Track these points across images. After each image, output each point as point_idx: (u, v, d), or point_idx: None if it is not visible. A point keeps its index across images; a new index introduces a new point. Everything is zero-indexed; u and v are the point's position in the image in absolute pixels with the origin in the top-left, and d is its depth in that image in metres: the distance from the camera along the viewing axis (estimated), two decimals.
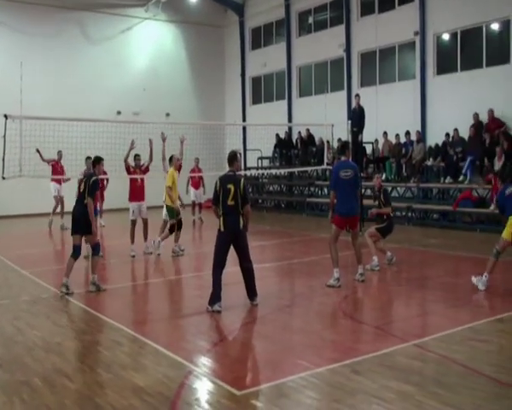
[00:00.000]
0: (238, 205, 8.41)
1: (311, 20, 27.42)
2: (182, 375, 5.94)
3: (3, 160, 12.20)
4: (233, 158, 8.76)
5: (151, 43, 29.60)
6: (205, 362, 6.38)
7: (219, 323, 8.12)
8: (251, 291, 8.80)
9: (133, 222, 13.74)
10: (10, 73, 21.34)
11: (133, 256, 13.32)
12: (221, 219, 8.48)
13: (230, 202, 8.39)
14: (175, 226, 13.30)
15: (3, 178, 13.70)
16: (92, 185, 9.89)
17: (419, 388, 5.44)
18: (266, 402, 5.26)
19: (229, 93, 32.06)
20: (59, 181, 19.08)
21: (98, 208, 13.36)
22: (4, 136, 12.29)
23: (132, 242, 13.59)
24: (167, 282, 11.16)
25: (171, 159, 13.49)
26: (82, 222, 9.87)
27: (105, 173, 18.68)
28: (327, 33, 26.04)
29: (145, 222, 13.77)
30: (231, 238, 8.55)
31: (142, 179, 13.98)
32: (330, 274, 10.14)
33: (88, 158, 13.97)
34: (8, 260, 13.52)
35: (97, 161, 10.49)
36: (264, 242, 16.12)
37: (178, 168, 13.68)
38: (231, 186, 8.40)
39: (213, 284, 8.47)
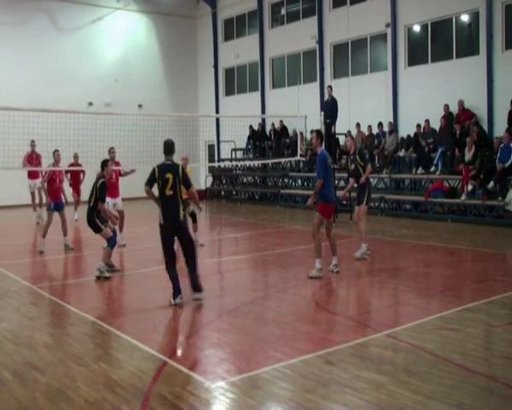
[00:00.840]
0: (177, 194, 8.20)
1: (283, 11, 27.39)
2: (155, 367, 5.91)
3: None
4: (171, 146, 8.46)
5: (123, 33, 29.27)
6: (178, 354, 6.37)
7: (192, 315, 8.10)
8: (195, 285, 8.51)
9: None
10: None
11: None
12: (160, 211, 8.28)
13: (169, 192, 8.16)
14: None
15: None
16: (100, 188, 10.31)
17: (391, 377, 5.49)
18: (240, 394, 5.25)
19: (202, 84, 31.90)
20: (35, 176, 18.34)
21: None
22: None
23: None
24: (141, 274, 11.07)
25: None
26: (91, 224, 10.39)
27: (79, 165, 18.55)
28: (299, 25, 26.06)
29: (121, 215, 13.64)
30: (172, 230, 8.33)
31: (117, 175, 13.78)
32: (304, 266, 10.17)
33: (56, 151, 13.73)
34: None
35: (105, 163, 10.78)
36: (238, 234, 16.12)
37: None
38: (170, 175, 8.16)
39: (171, 279, 8.36)
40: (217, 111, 30.29)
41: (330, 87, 18.99)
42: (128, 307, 8.71)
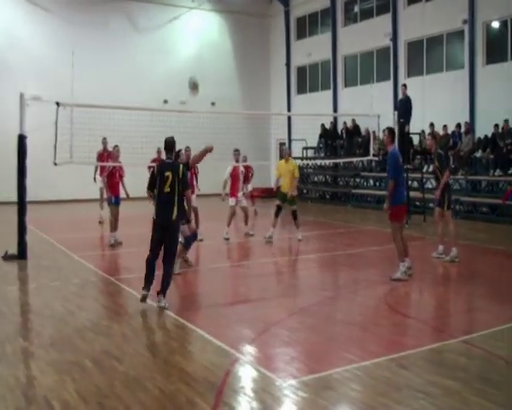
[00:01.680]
0: (174, 194, 8.06)
1: (356, 9, 27.12)
2: (227, 362, 6.00)
3: (55, 146, 12.45)
4: (172, 145, 8.37)
5: (197, 32, 29.78)
6: (250, 351, 6.44)
7: (263, 312, 8.16)
8: (161, 289, 8.13)
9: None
10: (61, 62, 21.80)
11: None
12: (155, 207, 8.20)
13: (167, 189, 8.05)
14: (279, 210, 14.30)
15: (55, 164, 14.03)
16: (183, 175, 8.33)
17: (465, 384, 5.37)
18: (311, 393, 5.26)
19: (274, 83, 32.01)
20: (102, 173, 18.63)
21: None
22: (56, 123, 12.55)
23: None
24: (211, 270, 11.24)
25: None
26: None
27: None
28: (373, 22, 25.72)
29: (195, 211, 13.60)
30: (162, 228, 8.13)
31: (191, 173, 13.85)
32: (376, 267, 10.07)
33: (115, 146, 14.02)
34: (59, 243, 13.87)
35: (177, 155, 9.47)
36: (308, 232, 16.07)
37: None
38: (169, 173, 8.07)
39: (146, 270, 8.21)
40: (288, 109, 30.33)
41: (404, 85, 18.63)
42: (201, 302, 8.88)
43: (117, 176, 14.04)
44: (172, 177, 8.07)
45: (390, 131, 10.09)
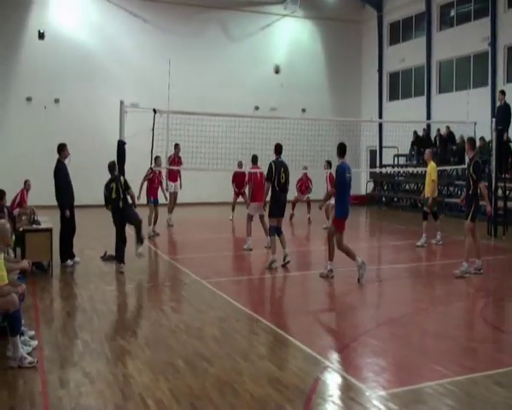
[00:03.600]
0: (120, 196, 11.12)
1: (453, 12, 26.28)
2: (317, 370, 5.99)
3: (152, 152, 12.88)
4: (112, 166, 11.39)
5: (288, 39, 29.94)
6: (339, 359, 6.39)
7: (353, 322, 8.09)
8: (139, 239, 11.56)
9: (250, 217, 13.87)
10: (158, 71, 22.54)
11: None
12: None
13: (114, 195, 11.11)
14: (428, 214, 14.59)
15: (151, 169, 14.56)
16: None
17: None
18: (401, 406, 5.15)
19: (365, 89, 31.61)
20: (175, 178, 18.31)
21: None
22: (153, 129, 12.99)
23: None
24: (295, 277, 11.25)
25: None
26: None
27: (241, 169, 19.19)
28: (470, 26, 24.83)
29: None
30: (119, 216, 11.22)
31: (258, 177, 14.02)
32: (469, 279, 9.70)
33: (157, 157, 14.48)
34: (153, 246, 14.37)
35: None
36: (399, 241, 15.76)
37: None
38: (113, 184, 11.17)
39: (116, 250, 11.27)
40: (380, 116, 29.84)
41: (503, 92, 17.89)
42: (290, 309, 8.90)
43: (155, 182, 16.21)
44: (116, 187, 11.13)
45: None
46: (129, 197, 11.45)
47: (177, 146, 17.52)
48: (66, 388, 5.54)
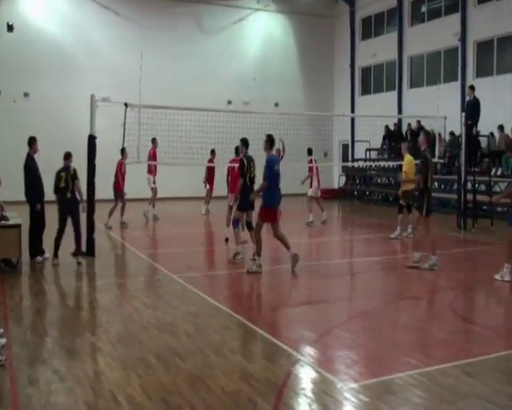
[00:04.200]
0: (68, 186, 10.98)
1: (424, 8, 26.55)
2: (288, 363, 6.00)
3: (123, 146, 12.78)
4: (67, 155, 11.24)
5: (262, 33, 29.92)
6: (311, 353, 6.40)
7: (325, 315, 8.13)
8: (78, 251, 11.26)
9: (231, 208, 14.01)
10: (130, 65, 22.34)
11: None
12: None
13: (62, 185, 10.97)
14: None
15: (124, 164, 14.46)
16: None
17: None
18: (373, 397, 5.19)
19: (337, 84, 31.76)
20: (152, 172, 18.57)
21: None
22: (124, 123, 12.88)
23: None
24: (275, 271, 11.27)
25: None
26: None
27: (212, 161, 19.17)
28: (441, 22, 25.08)
29: None
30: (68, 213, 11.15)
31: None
32: (439, 272, 9.81)
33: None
34: (126, 241, 14.25)
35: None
36: (370, 235, 15.88)
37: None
38: (63, 174, 11.04)
39: (55, 241, 11.16)
40: (352, 111, 30.02)
41: (472, 87, 18.12)
42: (263, 302, 8.92)
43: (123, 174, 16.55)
44: (65, 175, 11.00)
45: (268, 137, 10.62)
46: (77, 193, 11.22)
47: (154, 141, 17.52)
48: (35, 386, 5.45)
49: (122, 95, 14.79)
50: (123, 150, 15.44)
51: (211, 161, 19.22)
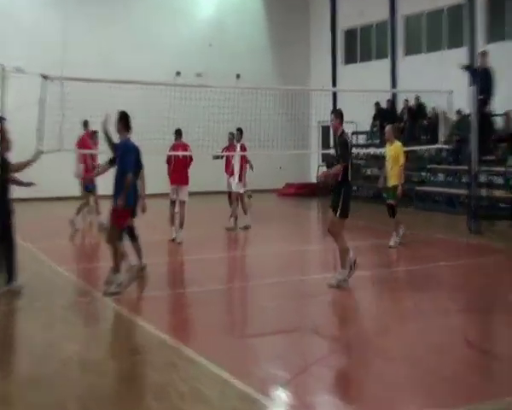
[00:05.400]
0: None
1: None
2: None
3: (41, 129, 12.53)
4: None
5: None
6: (283, 396, 6.28)
7: (300, 347, 8.00)
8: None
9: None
10: (50, 28, 22.03)
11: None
12: None
13: None
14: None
15: (42, 152, 14.06)
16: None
17: None
18: None
19: (315, 51, 31.98)
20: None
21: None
22: (42, 100, 12.60)
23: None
24: (234, 289, 11.12)
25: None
26: None
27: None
28: None
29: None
30: None
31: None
32: (448, 289, 9.81)
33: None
34: (42, 252, 13.89)
35: None
36: (359, 242, 15.76)
37: None
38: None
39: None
40: (334, 84, 30.22)
41: (485, 53, 18.26)
42: (218, 330, 8.71)
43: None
44: None
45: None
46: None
47: (86, 124, 17.25)
48: None
49: (40, 65, 14.56)
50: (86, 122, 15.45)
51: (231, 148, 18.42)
